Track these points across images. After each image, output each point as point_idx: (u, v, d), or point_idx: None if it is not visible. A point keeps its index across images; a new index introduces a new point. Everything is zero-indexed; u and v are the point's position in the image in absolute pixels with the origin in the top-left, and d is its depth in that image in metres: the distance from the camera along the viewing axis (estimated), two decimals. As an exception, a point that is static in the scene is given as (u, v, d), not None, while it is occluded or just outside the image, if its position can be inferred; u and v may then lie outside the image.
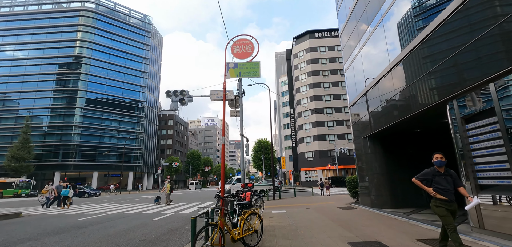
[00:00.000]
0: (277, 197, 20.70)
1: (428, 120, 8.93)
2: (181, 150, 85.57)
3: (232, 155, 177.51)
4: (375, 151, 11.50)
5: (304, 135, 52.55)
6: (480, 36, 5.35)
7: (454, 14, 6.05)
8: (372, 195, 11.45)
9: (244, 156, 13.09)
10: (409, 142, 11.45)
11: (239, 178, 25.29)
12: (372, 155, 11.57)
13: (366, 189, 12.01)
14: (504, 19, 4.79)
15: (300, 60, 56.44)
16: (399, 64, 8.47)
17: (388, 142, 11.36)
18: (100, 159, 58.01)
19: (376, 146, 11.50)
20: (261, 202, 10.67)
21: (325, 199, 17.83)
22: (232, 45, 7.08)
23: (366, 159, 11.88)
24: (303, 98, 54.01)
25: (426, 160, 12.01)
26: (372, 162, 11.55)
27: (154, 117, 74.18)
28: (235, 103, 14.17)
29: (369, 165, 11.70)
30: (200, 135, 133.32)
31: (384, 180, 11.08)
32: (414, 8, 7.80)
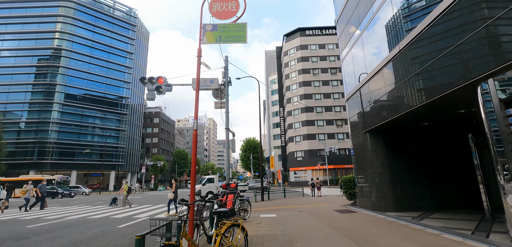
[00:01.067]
0: (265, 199, 19.25)
1: (442, 110, 7.68)
2: (167, 149, 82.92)
3: (220, 155, 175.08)
4: (376, 148, 10.22)
5: (293, 134, 51.44)
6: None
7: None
8: (373, 196, 10.17)
9: (229, 153, 11.58)
10: (414, 137, 10.25)
11: (210, 178, 22.61)
12: (373, 152, 10.29)
13: (365, 190, 10.73)
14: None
15: (291, 58, 55.32)
16: (413, 43, 7.17)
17: (391, 138, 10.12)
18: (79, 158, 54.91)
19: (377, 142, 10.23)
20: (247, 205, 9.16)
21: (317, 201, 16.53)
22: (210, 1, 5.52)
23: (366, 157, 10.60)
24: (293, 96, 52.91)
25: (433, 157, 10.27)
26: (373, 159, 10.27)
27: (139, 114, 71.27)
28: (220, 93, 12.61)
29: (369, 163, 10.42)
30: (187, 134, 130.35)
31: (387, 180, 9.82)
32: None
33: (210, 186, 21.15)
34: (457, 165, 9.87)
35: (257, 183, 35.94)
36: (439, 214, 8.68)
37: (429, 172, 9.79)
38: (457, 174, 9.81)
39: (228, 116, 12.03)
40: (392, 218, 8.36)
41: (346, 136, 49.20)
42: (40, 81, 54.78)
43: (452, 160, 9.96)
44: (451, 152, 10.01)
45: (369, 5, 9.83)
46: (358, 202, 11.68)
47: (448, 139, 10.23)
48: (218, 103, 12.59)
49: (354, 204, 12.46)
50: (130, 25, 68.63)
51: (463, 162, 9.72)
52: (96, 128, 58.90)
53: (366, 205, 10.63)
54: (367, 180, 10.56)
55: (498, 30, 4.75)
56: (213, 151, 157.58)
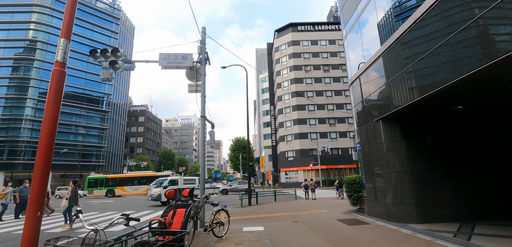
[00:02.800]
0: (253, 202, 16.82)
1: (493, 86, 5.46)
2: (153, 149, 79.36)
3: (210, 156, 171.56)
4: (392, 140, 7.97)
5: (284, 133, 49.25)
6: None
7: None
8: (388, 202, 7.90)
9: (204, 146, 9.11)
10: (443, 125, 8.04)
11: (173, 180, 18.90)
12: (388, 145, 8.03)
13: (377, 193, 8.47)
14: None
15: (282, 54, 53.18)
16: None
17: (413, 127, 7.90)
18: (55, 158, 50.92)
19: (394, 133, 7.98)
20: (222, 216, 6.72)
21: (313, 205, 14.22)
22: None
23: (379, 152, 8.34)
24: (284, 94, 50.73)
25: (469, 151, 7.77)
26: (388, 155, 8.01)
27: (122, 112, 67.53)
28: (195, 73, 10.12)
29: (383, 159, 8.16)
30: (175, 134, 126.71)
31: (407, 180, 7.57)
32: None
33: (173, 189, 17.98)
34: (501, 161, 7.71)
35: (241, 185, 32.93)
36: (485, 226, 6.48)
37: (464, 170, 7.58)
38: (498, 172, 7.65)
39: (204, 102, 9.55)
40: (423, 233, 6.08)
41: (339, 135, 47.41)
42: (13, 75, 50.63)
43: (495, 154, 7.79)
44: (496, 145, 7.85)
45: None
46: (366, 208, 9.41)
47: (488, 127, 8.07)
48: (193, 85, 10.08)
49: (360, 210, 10.18)
50: (114, 18, 64.97)
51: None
52: (75, 126, 55.09)
53: (379, 212, 8.35)
54: (380, 182, 8.29)
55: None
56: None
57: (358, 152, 10.28)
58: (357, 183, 10.17)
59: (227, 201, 20.03)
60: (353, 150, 46.26)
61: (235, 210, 13.54)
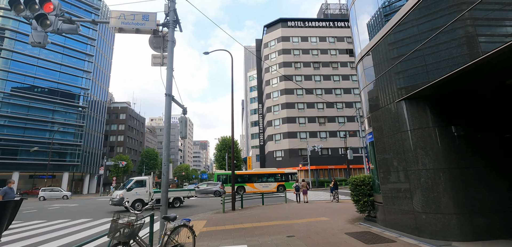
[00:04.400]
0: (237, 206, 14.53)
1: None
2: (135, 148, 75.45)
3: (196, 156, 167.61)
4: (422, 126, 5.93)
5: (273, 132, 47.21)
6: None
7: None
8: (417, 209, 5.85)
9: (169, 133, 6.78)
10: (500, 109, 6.04)
11: (141, 180, 15.75)
12: (417, 133, 5.99)
13: (399, 198, 6.39)
14: None
15: (271, 50, 51.19)
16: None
17: (454, 109, 5.86)
18: (24, 157, 46.71)
19: (424, 117, 5.95)
20: (183, 236, 4.38)
21: (308, 211, 12.08)
22: None
23: (402, 143, 6.28)
24: (273, 91, 48.74)
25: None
26: (416, 147, 5.97)
27: (101, 109, 63.39)
28: (161, 41, 7.75)
29: (408, 153, 6.10)
30: (160, 134, 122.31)
31: (445, 181, 5.54)
32: None
33: (140, 192, 15.12)
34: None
35: (211, 186, 30.30)
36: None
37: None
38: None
39: (171, 76, 7.20)
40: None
41: (329, 135, 45.88)
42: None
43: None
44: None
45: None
46: (380, 216, 7.33)
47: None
48: (158, 57, 7.69)
49: (370, 218, 8.12)
50: (93, 8, 60.85)
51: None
52: (48, 123, 50.81)
53: (402, 223, 6.29)
54: (404, 182, 6.23)
55: None
56: (189, 152, 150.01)
57: (369, 146, 8.20)
58: (367, 185, 8.09)
59: (207, 206, 17.62)
60: (343, 150, 44.89)
61: (215, 217, 11.22)
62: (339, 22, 52.66)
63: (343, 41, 51.20)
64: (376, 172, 7.60)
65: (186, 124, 8.13)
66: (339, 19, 53.16)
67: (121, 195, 14.49)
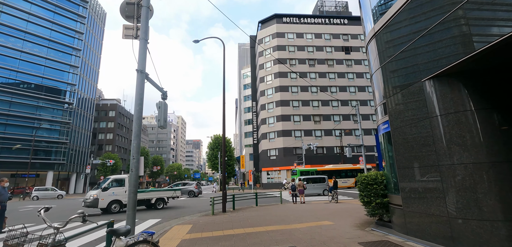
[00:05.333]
0: (228, 209, 13.21)
1: None
2: (125, 147, 73.17)
3: (189, 155, 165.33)
4: (457, 109, 4.75)
5: (267, 130, 45.97)
6: None
7: None
8: (451, 213, 4.64)
9: (141, 117, 5.44)
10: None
11: (119, 179, 14.09)
12: (449, 119, 4.80)
13: (427, 199, 5.19)
14: None
15: (266, 46, 49.94)
16: None
17: (500, 88, 4.68)
18: (5, 155, 44.34)
19: (459, 99, 4.78)
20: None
21: (307, 213, 10.85)
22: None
23: (430, 131, 5.07)
24: (268, 88, 47.51)
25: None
26: (448, 136, 4.76)
27: (90, 105, 61.09)
28: (134, 9, 6.37)
29: (438, 143, 4.91)
30: (152, 132, 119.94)
31: (489, 179, 4.36)
32: None
33: (118, 192, 13.40)
34: None
35: (185, 187, 29.29)
36: None
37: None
38: None
39: (146, 49, 5.85)
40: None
41: (324, 133, 44.91)
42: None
43: None
44: None
45: None
46: (398, 220, 6.13)
47: None
48: (131, 29, 6.31)
49: (383, 223, 6.91)
50: (81, 0, 58.53)
51: None
52: (32, 119, 48.42)
53: (430, 231, 5.09)
54: (433, 180, 5.03)
55: None
56: (181, 151, 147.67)
57: (382, 139, 6.98)
58: (380, 184, 6.88)
59: (196, 207, 16.24)
60: (338, 149, 44.02)
61: (203, 220, 9.88)
62: (335, 19, 51.78)
63: (339, 38, 50.34)
64: (391, 168, 6.39)
65: (166, 111, 6.77)
66: (335, 16, 52.29)
67: (95, 196, 12.98)
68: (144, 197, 14.61)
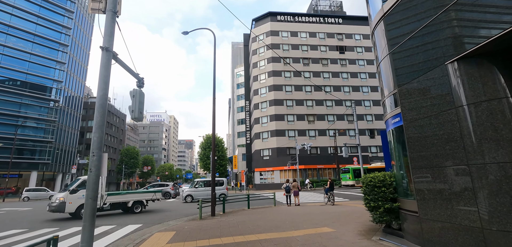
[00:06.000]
0: (218, 212, 12.23)
1: None
2: (115, 146, 71.20)
3: (181, 155, 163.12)
4: (489, 97, 3.92)
5: (260, 130, 45.07)
6: None
7: None
8: (485, 224, 3.78)
9: (106, 104, 4.45)
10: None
11: None
12: (481, 109, 3.96)
13: (450, 205, 4.33)
14: None
15: (260, 45, 49.05)
16: None
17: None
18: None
19: (491, 84, 3.97)
20: None
21: (304, 217, 9.96)
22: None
23: (459, 124, 4.21)
24: (261, 87, 46.62)
25: None
26: (484, 130, 3.90)
27: (77, 103, 59.04)
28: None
29: (465, 138, 4.05)
30: (143, 132, 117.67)
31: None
32: None
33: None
34: None
35: (165, 188, 27.28)
36: None
37: None
38: None
39: (114, 22, 4.85)
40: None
41: (318, 133, 44.26)
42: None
43: None
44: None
45: None
46: (412, 229, 5.28)
47: None
48: (97, 2, 5.29)
49: (392, 230, 6.06)
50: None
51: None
52: (15, 117, 46.32)
53: (455, 242, 4.23)
54: (461, 183, 4.17)
55: None
56: (174, 151, 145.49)
57: (391, 135, 6.13)
58: (389, 186, 6.02)
59: (182, 210, 15.18)
60: (332, 149, 43.43)
61: (188, 226, 8.88)
62: (329, 18, 51.30)
63: (333, 37, 49.85)
64: (402, 168, 5.54)
65: (142, 101, 5.78)
66: (329, 15, 51.81)
67: (61, 199, 11.73)
68: (119, 200, 13.18)
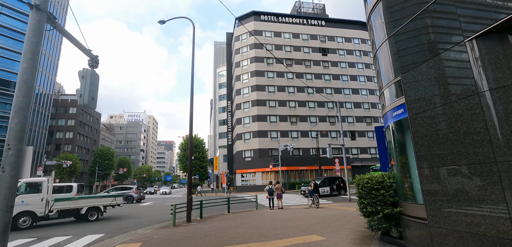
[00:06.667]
0: (195, 216, 11.09)
1: None
2: (88, 147, 67.16)
3: (161, 157, 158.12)
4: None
5: (242, 131, 44.04)
6: None
7: None
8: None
9: (30, 91, 3.28)
10: None
11: (33, 183, 10.67)
12: (507, 95, 3.21)
13: (472, 213, 3.58)
14: None
15: (243, 44, 48.11)
16: None
17: None
18: None
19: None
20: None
21: (289, 222, 9.08)
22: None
23: (482, 113, 3.46)
24: (244, 87, 45.65)
25: None
26: (506, 119, 3.17)
27: (45, 100, 54.93)
28: None
29: (493, 133, 3.30)
30: (120, 132, 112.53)
31: None
32: None
33: (30, 200, 10.13)
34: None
35: (128, 192, 24.53)
36: None
37: None
38: None
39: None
40: None
41: (301, 135, 43.96)
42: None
43: None
44: None
45: None
46: (417, 238, 4.53)
47: None
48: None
49: (390, 239, 5.31)
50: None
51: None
52: (-28, 113, 42.16)
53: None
54: (486, 185, 3.43)
55: None
56: (152, 152, 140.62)
57: (390, 130, 5.38)
58: (389, 189, 5.26)
59: (155, 216, 13.86)
60: (314, 151, 43.28)
61: (158, 235, 7.69)
62: (313, 20, 51.42)
63: (316, 39, 49.98)
64: (405, 167, 4.79)
65: (94, 84, 4.61)
66: (313, 17, 51.96)
67: None
68: (70, 207, 11.25)
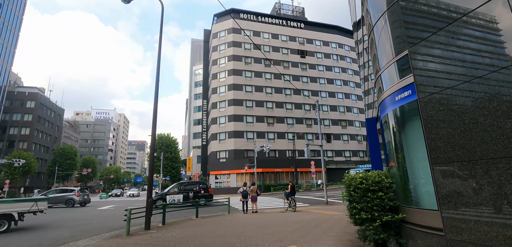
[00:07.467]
0: (157, 222, 9.56)
1: None
2: (47, 145, 61.44)
3: (131, 158, 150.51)
4: None
5: (218, 131, 42.43)
6: None
7: None
8: None
9: None
10: None
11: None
12: None
13: (510, 215, 2.62)
14: None
15: (220, 42, 46.59)
16: None
17: None
18: None
19: None
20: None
21: (264, 230, 7.92)
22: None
23: None
24: (221, 86, 44.12)
25: None
26: None
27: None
28: None
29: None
30: (87, 130, 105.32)
31: None
32: None
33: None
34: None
35: (68, 194, 21.89)
36: None
37: None
38: None
39: None
40: None
41: (277, 136, 43.30)
42: None
43: None
44: None
45: None
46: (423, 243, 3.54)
47: None
48: None
49: (389, 245, 4.33)
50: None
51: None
52: None
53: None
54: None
55: None
56: (122, 152, 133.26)
57: (390, 119, 4.43)
58: (387, 190, 4.29)
59: (107, 222, 12.05)
60: (290, 152, 42.80)
61: (107, 245, 6.16)
62: (292, 22, 51.28)
63: (295, 41, 49.85)
64: (411, 164, 3.84)
65: None
66: (292, 19, 51.83)
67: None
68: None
